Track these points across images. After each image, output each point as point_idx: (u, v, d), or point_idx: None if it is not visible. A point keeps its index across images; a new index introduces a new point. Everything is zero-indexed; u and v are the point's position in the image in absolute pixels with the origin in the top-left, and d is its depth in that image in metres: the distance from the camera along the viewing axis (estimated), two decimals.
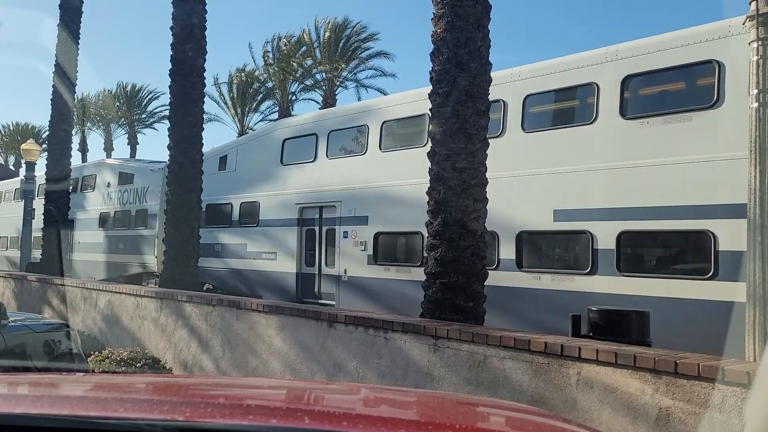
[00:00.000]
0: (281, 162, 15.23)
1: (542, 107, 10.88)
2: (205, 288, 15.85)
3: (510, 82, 10.79)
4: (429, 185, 7.15)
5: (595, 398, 4.37)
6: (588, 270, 9.51)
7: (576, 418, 4.36)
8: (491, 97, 10.75)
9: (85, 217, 22.63)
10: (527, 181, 10.37)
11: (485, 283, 7.04)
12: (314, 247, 14.25)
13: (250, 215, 15.86)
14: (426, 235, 11.05)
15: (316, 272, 14.15)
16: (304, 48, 32.69)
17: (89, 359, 7.64)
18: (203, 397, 2.00)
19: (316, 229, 14.22)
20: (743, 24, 5.88)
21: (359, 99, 30.32)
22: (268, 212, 15.34)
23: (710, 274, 8.30)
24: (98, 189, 22.36)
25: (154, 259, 18.62)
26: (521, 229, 10.34)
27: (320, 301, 13.67)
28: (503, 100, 10.74)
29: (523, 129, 10.62)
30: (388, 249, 12.84)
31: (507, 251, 10.49)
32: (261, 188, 15.62)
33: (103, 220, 21.74)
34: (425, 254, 8.23)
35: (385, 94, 28.64)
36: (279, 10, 75.37)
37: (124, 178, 21.16)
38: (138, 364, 7.27)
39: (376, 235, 12.65)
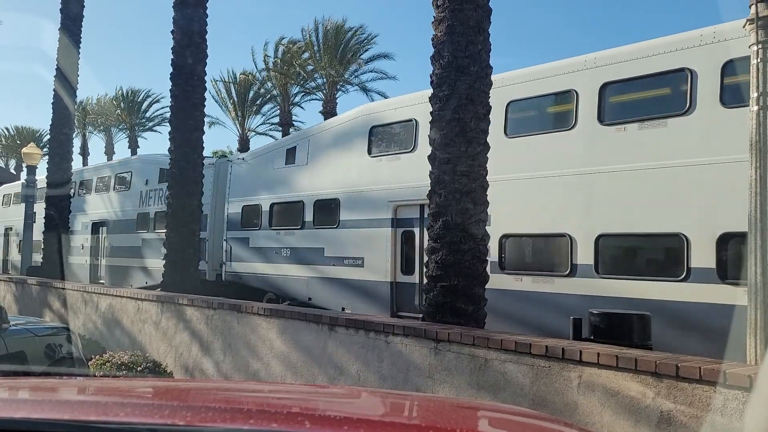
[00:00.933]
0: (369, 153, 12.85)
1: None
2: (266, 299, 14.32)
3: (699, 46, 8.82)
4: (430, 188, 7.15)
5: (597, 402, 4.37)
6: None
7: (577, 421, 4.35)
8: (669, 66, 8.94)
9: (119, 218, 20.64)
10: (730, 170, 8.03)
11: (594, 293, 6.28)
12: (413, 252, 11.88)
13: (327, 215, 13.53)
14: (574, 236, 9.53)
15: (417, 281, 11.62)
16: (306, 55, 32.74)
17: (90, 363, 7.64)
18: (204, 401, 2.00)
19: (416, 230, 11.85)
20: (743, 27, 5.88)
21: (372, 100, 30.04)
22: (352, 211, 12.99)
23: None
24: (134, 187, 20.04)
25: (204, 265, 16.35)
26: (725, 230, 8.19)
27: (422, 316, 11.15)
28: (690, 69, 8.78)
29: (722, 104, 8.48)
30: (520, 254, 10.64)
31: (702, 258, 8.39)
32: (342, 184, 13.26)
33: (141, 222, 19.39)
34: (575, 260, 7.42)
35: (386, 97, 28.50)
36: (281, 14, 75.54)
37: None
38: (139, 368, 7.26)
39: (503, 238, 10.37)
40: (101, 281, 20.90)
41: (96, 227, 21.91)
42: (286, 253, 14.37)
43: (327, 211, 13.60)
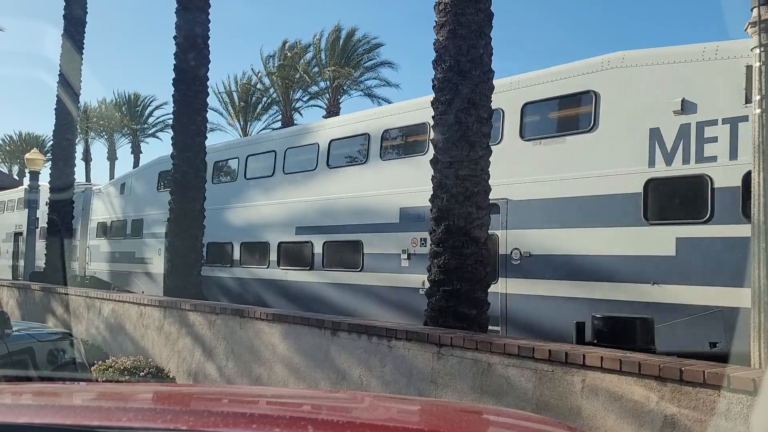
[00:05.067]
0: None
1: None
2: None
3: None
4: (432, 193, 7.15)
5: (600, 406, 4.35)
6: None
7: (580, 425, 4.34)
8: None
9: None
10: None
11: None
12: None
13: None
14: None
15: None
16: (310, 55, 32.89)
17: (92, 368, 7.64)
18: (207, 407, 1.99)
19: None
20: (745, 30, 5.88)
21: (380, 104, 29.60)
22: None
23: None
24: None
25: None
26: None
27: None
28: None
29: None
30: None
31: None
32: None
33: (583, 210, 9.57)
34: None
35: (390, 102, 28.53)
36: (283, 19, 75.77)
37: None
38: (141, 373, 7.26)
39: None
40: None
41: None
42: None
43: None
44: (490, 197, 7.04)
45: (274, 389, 4.89)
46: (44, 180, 20.82)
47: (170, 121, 13.71)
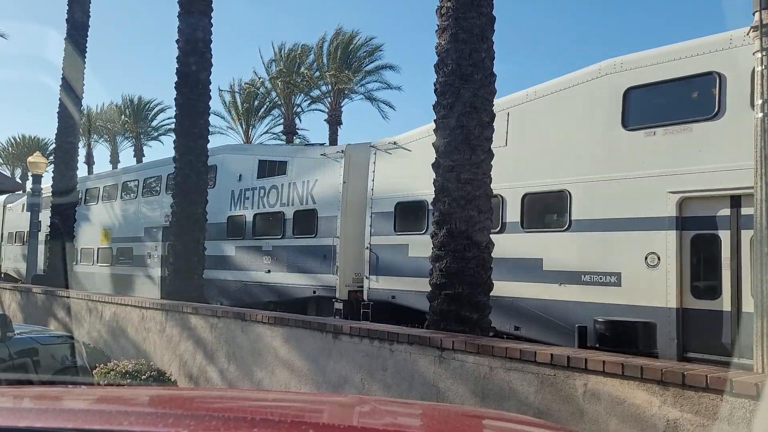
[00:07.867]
0: None
1: None
2: None
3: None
4: (434, 196, 7.15)
5: (602, 410, 4.34)
6: None
7: (583, 430, 4.33)
8: None
9: None
10: None
11: None
12: None
13: None
14: None
15: None
16: (312, 57, 32.93)
17: (94, 371, 7.64)
18: (208, 410, 1.99)
19: None
20: (747, 34, 5.88)
21: (379, 109, 29.82)
22: None
23: None
24: None
25: None
26: None
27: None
28: None
29: None
30: None
31: None
32: None
33: None
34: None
35: (392, 107, 28.55)
36: (285, 22, 75.91)
37: None
38: (143, 377, 7.26)
39: None
40: None
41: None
42: None
43: None
44: None
45: (276, 393, 4.89)
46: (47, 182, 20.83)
47: (173, 125, 13.73)
